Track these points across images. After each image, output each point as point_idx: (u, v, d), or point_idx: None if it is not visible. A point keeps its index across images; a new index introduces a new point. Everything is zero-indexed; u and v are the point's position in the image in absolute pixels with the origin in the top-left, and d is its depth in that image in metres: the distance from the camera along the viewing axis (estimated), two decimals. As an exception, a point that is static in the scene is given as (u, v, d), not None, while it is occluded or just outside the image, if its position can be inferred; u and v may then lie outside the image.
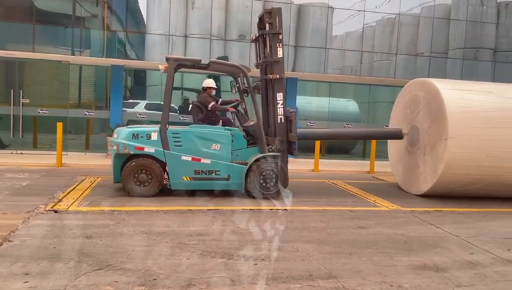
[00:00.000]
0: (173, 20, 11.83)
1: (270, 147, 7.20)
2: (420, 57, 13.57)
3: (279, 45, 7.30)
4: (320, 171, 10.89)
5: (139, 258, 4.09)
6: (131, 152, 6.76)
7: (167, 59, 7.11)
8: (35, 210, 5.67)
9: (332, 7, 12.78)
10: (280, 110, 7.33)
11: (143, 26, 12.12)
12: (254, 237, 5.00)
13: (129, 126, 7.36)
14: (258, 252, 4.43)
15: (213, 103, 7.64)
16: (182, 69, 7.53)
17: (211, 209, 6.21)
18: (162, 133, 6.79)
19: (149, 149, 6.75)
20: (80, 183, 7.76)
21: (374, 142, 11.35)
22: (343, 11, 13.10)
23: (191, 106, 7.94)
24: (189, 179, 6.89)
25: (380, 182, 9.87)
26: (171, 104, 13.92)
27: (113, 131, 11.41)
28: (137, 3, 12.37)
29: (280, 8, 7.46)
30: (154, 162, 6.80)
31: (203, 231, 5.15)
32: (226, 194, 7.13)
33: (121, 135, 6.85)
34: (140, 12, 12.31)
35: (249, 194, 7.03)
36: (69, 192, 6.91)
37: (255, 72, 8.08)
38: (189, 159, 6.84)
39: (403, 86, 9.16)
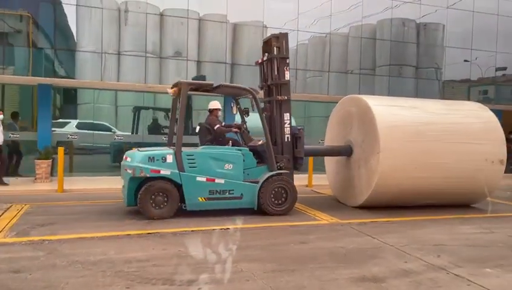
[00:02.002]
0: (105, 37, 11.44)
1: (278, 164, 7.47)
2: (350, 74, 14.25)
3: (286, 68, 7.68)
4: (260, 187, 10.93)
5: (74, 292, 3.83)
6: (148, 175, 6.72)
7: (179, 83, 7.26)
8: (-48, 245, 5.14)
9: (266, 26, 13.06)
10: (287, 130, 7.69)
11: (73, 43, 11.61)
12: (197, 260, 4.90)
13: (139, 149, 7.29)
14: (201, 276, 4.33)
15: (218, 125, 7.80)
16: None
17: (150, 233, 5.99)
18: (177, 155, 6.82)
19: (165, 171, 6.77)
20: (5, 211, 7.16)
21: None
22: (276, 30, 13.42)
23: (198, 127, 8.03)
24: (204, 200, 7.01)
25: (319, 195, 10.14)
26: (104, 123, 13.65)
27: (41, 153, 10.86)
28: (66, 19, 11.84)
29: (287, 33, 7.88)
30: (170, 184, 6.82)
31: (142, 256, 4.95)
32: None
33: (136, 159, 6.86)
34: (70, 28, 11.77)
35: (261, 212, 7.23)
36: (-9, 222, 6.36)
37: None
38: (204, 179, 6.96)
39: (336, 102, 9.55)
